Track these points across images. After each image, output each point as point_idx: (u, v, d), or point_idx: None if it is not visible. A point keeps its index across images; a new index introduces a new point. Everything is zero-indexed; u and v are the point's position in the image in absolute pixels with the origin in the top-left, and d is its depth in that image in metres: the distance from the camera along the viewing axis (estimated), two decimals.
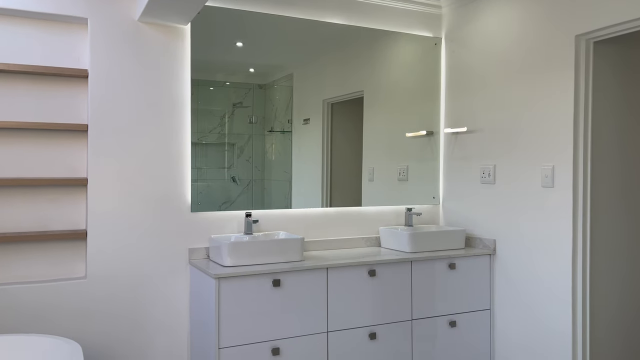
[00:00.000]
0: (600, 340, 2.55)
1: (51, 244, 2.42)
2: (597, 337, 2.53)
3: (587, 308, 2.49)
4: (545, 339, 2.60)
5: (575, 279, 2.49)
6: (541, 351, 2.63)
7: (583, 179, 2.48)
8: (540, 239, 2.63)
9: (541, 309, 2.63)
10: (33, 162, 2.40)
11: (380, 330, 2.61)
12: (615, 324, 2.60)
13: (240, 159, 2.77)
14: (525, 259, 2.71)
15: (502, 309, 2.86)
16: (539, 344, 2.64)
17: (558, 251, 2.54)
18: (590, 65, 2.47)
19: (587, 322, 2.49)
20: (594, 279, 2.52)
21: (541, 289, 2.63)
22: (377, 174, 3.11)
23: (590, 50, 2.47)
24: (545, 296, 2.61)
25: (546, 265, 2.60)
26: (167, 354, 2.56)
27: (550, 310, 2.58)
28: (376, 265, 2.60)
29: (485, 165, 2.95)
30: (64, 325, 2.36)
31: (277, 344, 2.37)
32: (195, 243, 2.62)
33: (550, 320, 2.58)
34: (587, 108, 2.47)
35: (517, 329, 2.76)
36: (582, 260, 2.48)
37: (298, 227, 2.87)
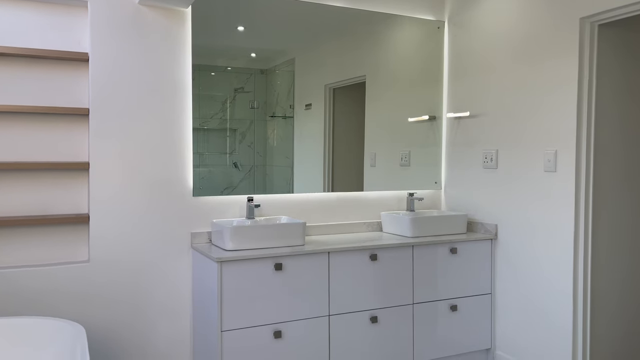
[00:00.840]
0: (601, 325, 2.55)
1: (54, 228, 2.43)
2: (598, 322, 2.54)
3: (588, 293, 2.49)
4: (546, 324, 2.62)
5: (576, 264, 2.49)
6: (542, 335, 2.64)
7: (586, 163, 2.47)
8: (542, 224, 2.63)
9: (542, 293, 2.63)
10: (34, 146, 2.40)
11: (382, 314, 2.63)
12: (616, 309, 2.61)
13: (242, 145, 2.77)
14: (527, 243, 2.71)
15: (503, 293, 2.87)
16: (540, 328, 2.65)
17: (560, 236, 2.54)
18: (595, 49, 2.45)
19: (587, 306, 2.49)
20: (596, 264, 2.52)
21: (542, 273, 2.63)
22: (379, 159, 3.10)
23: (594, 33, 2.44)
24: (546, 281, 2.61)
25: (548, 249, 2.60)
26: (169, 337, 2.59)
27: (551, 295, 2.59)
28: (377, 249, 2.61)
29: (487, 150, 2.94)
30: (67, 309, 2.39)
31: (279, 327, 2.39)
32: (197, 227, 2.63)
33: (551, 305, 2.59)
34: (591, 92, 2.45)
35: (518, 313, 2.77)
36: (583, 244, 2.48)
37: (300, 211, 2.87)
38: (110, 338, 2.48)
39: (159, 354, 2.57)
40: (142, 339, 2.54)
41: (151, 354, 2.55)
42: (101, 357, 2.46)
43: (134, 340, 2.52)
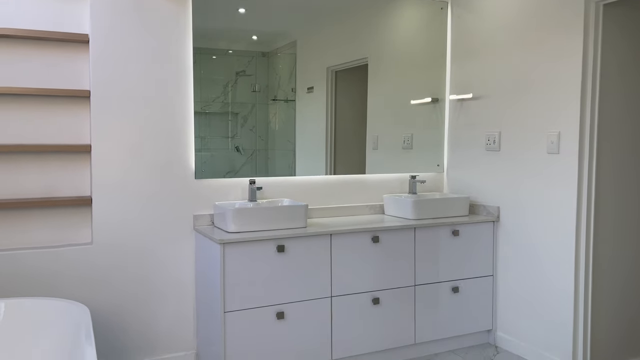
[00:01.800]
0: (602, 307, 2.56)
1: (57, 210, 2.45)
2: (599, 304, 2.55)
3: (590, 275, 2.50)
4: (547, 306, 2.63)
5: (578, 246, 2.49)
6: (543, 317, 2.65)
7: (589, 145, 2.45)
8: (544, 206, 2.63)
9: (544, 275, 2.64)
10: (35, 128, 2.40)
11: (383, 296, 2.64)
12: (617, 291, 2.61)
13: (244, 129, 2.76)
14: (529, 225, 2.71)
15: (504, 275, 2.88)
16: (541, 309, 2.66)
17: (562, 218, 2.54)
18: (600, 28, 2.42)
19: (589, 288, 2.50)
20: (598, 246, 2.52)
21: (544, 255, 2.64)
22: (381, 142, 3.10)
23: (599, 13, 2.41)
24: (548, 263, 2.62)
25: (550, 232, 2.60)
26: (173, 318, 2.62)
27: (553, 277, 2.59)
28: (380, 231, 2.61)
29: (490, 132, 2.92)
30: (71, 290, 2.41)
31: (282, 308, 2.41)
32: (200, 210, 2.65)
33: (553, 287, 2.60)
34: (596, 73, 2.43)
35: (519, 295, 2.78)
36: (585, 227, 2.48)
37: (302, 194, 2.88)
38: (114, 319, 2.51)
39: (163, 335, 2.60)
40: (146, 320, 2.56)
41: (155, 335, 2.58)
42: (105, 338, 2.49)
43: (137, 321, 2.55)
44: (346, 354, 2.56)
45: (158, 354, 2.59)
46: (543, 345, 2.65)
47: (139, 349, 2.55)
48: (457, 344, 2.89)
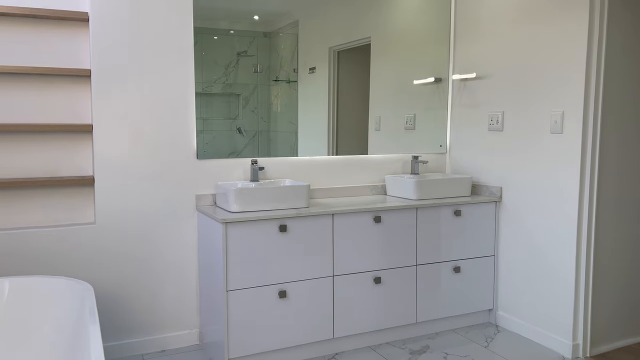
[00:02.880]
0: (603, 287, 2.57)
1: (60, 190, 2.46)
2: (600, 283, 2.55)
3: (591, 257, 2.50)
4: (549, 285, 2.63)
5: (580, 227, 2.49)
6: (544, 297, 2.66)
7: (593, 124, 2.43)
8: (547, 186, 2.62)
9: (545, 255, 2.64)
10: (36, 108, 2.40)
11: (385, 275, 2.65)
12: (618, 270, 2.62)
13: (246, 110, 2.75)
14: (531, 206, 2.71)
15: (506, 255, 2.88)
16: (542, 289, 2.67)
17: (564, 198, 2.53)
18: (606, 7, 2.38)
19: (590, 269, 2.50)
20: (600, 228, 2.52)
21: (546, 236, 2.64)
22: (383, 123, 3.08)
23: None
24: (550, 243, 2.62)
25: (552, 212, 2.60)
26: (176, 296, 2.64)
27: (555, 257, 2.60)
28: (381, 211, 2.62)
29: (493, 112, 2.91)
30: (75, 269, 2.43)
31: (284, 287, 2.42)
32: (202, 190, 2.65)
33: (554, 267, 2.60)
34: (601, 52, 2.40)
35: (521, 275, 2.79)
36: (588, 207, 2.47)
37: (304, 175, 2.88)
38: (118, 298, 2.53)
39: (166, 313, 2.63)
40: (149, 298, 2.59)
41: (158, 313, 2.61)
42: (109, 316, 2.52)
43: (141, 300, 2.57)
44: (348, 332, 2.59)
45: (161, 332, 2.62)
46: (544, 324, 2.67)
47: (143, 327, 2.58)
48: (458, 323, 2.91)
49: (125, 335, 2.55)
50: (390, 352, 2.60)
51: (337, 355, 2.58)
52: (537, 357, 2.54)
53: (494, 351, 2.61)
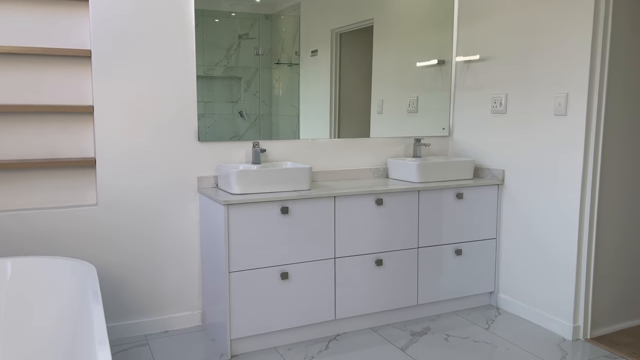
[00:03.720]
0: (604, 270, 2.57)
1: (61, 171, 2.46)
2: (602, 266, 2.55)
3: (593, 240, 2.49)
4: (550, 268, 2.64)
5: (582, 210, 2.48)
6: (545, 280, 2.67)
7: (597, 107, 2.41)
8: (549, 169, 2.61)
9: (547, 238, 2.64)
10: (36, 89, 2.39)
11: (387, 257, 2.66)
12: (620, 254, 2.61)
13: (247, 93, 2.74)
14: (534, 189, 2.70)
15: (507, 238, 2.88)
16: (544, 272, 2.67)
17: (567, 181, 2.52)
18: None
19: (592, 253, 2.50)
20: (602, 211, 2.51)
21: (548, 219, 2.63)
22: (386, 106, 3.07)
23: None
24: (551, 226, 2.62)
25: (554, 195, 2.59)
26: (179, 278, 2.66)
27: (556, 240, 2.59)
28: (383, 194, 2.62)
29: (497, 94, 2.88)
30: (77, 251, 2.45)
31: (286, 268, 2.43)
32: (204, 172, 2.65)
33: (556, 250, 2.60)
34: (606, 32, 2.37)
35: (522, 258, 2.79)
36: (590, 191, 2.46)
37: (305, 157, 2.88)
38: (121, 279, 2.55)
39: (169, 294, 2.65)
40: (152, 280, 2.61)
41: (161, 294, 2.63)
42: (112, 298, 2.54)
43: (143, 281, 2.59)
44: (349, 314, 2.60)
45: (164, 313, 2.65)
46: (545, 307, 2.68)
47: (146, 308, 2.60)
48: (460, 306, 2.93)
49: (128, 316, 2.58)
50: (391, 334, 2.62)
51: (338, 336, 2.60)
52: (537, 338, 2.55)
53: (494, 333, 2.62)
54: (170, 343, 2.50)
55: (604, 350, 2.44)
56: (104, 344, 1.44)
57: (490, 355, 2.38)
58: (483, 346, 2.48)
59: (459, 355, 2.38)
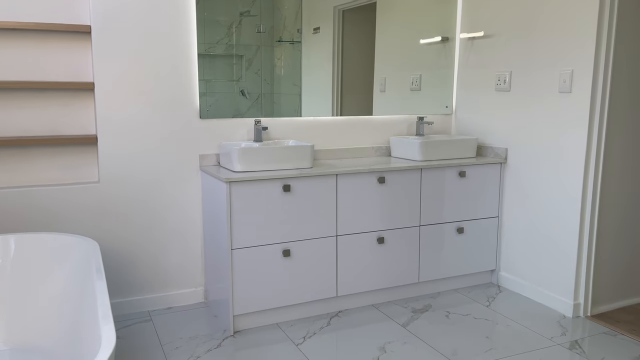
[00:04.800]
0: (606, 248, 2.57)
1: (63, 149, 2.46)
2: (603, 245, 2.56)
3: (595, 219, 2.49)
4: (552, 246, 2.64)
5: (585, 189, 2.47)
6: (547, 257, 2.67)
7: (602, 84, 2.39)
8: (553, 148, 2.60)
9: (549, 216, 2.64)
10: (35, 65, 2.37)
11: (388, 235, 2.67)
12: (622, 233, 2.61)
13: (249, 72, 2.72)
14: (537, 167, 2.69)
15: (510, 216, 2.88)
16: (545, 250, 2.68)
17: (570, 160, 2.51)
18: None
19: (594, 232, 2.50)
20: (605, 189, 2.50)
21: (551, 197, 2.63)
22: (388, 84, 3.04)
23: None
24: (554, 204, 2.61)
25: (557, 174, 2.58)
26: (181, 255, 2.67)
27: (559, 218, 2.59)
28: (386, 172, 2.61)
29: (500, 71, 2.85)
30: (80, 228, 2.46)
31: (288, 246, 2.44)
32: (205, 150, 2.65)
33: (558, 228, 2.60)
34: (613, 6, 2.33)
35: (524, 236, 2.80)
36: (594, 169, 2.45)
37: (308, 135, 2.86)
38: (124, 256, 2.57)
39: (172, 271, 2.67)
40: (155, 257, 2.63)
41: (164, 271, 2.65)
42: (115, 274, 2.56)
43: (146, 259, 2.61)
44: (351, 291, 2.62)
45: (167, 290, 2.67)
46: (545, 284, 2.69)
47: (149, 285, 2.63)
48: (461, 284, 2.95)
49: (132, 292, 2.60)
50: (392, 310, 2.64)
51: (340, 312, 2.62)
52: (537, 315, 2.57)
53: (495, 310, 2.64)
54: (173, 319, 2.53)
55: (603, 327, 2.45)
56: (107, 319, 1.46)
57: (491, 332, 2.40)
58: (483, 323, 2.50)
59: (460, 331, 2.41)
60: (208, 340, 2.32)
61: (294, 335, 2.38)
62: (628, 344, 2.29)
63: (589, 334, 2.38)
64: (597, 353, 2.21)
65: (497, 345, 2.28)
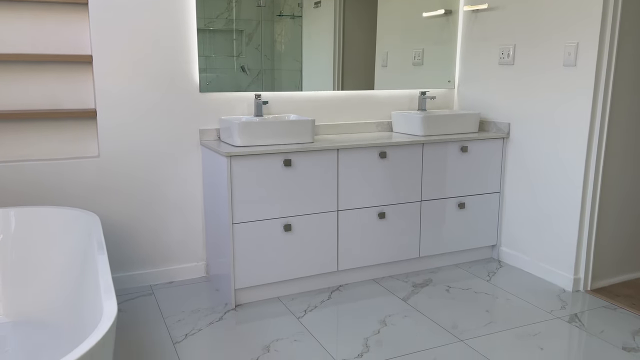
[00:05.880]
0: (607, 223, 2.57)
1: (63, 123, 2.44)
2: (605, 220, 2.55)
3: (598, 193, 2.48)
4: (553, 221, 2.64)
5: (588, 164, 2.46)
6: (548, 232, 2.67)
7: (608, 57, 2.35)
8: (556, 123, 2.57)
9: (551, 191, 2.63)
10: (32, 37, 2.33)
11: (389, 210, 2.67)
12: (624, 209, 2.60)
13: (249, 47, 2.68)
14: (539, 143, 2.67)
15: (511, 191, 2.87)
16: (547, 225, 2.68)
17: (573, 135, 2.49)
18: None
19: (596, 205, 2.49)
20: (608, 164, 2.48)
21: (553, 172, 2.61)
22: (390, 59, 3.00)
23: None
24: (556, 179, 2.60)
25: (560, 149, 2.56)
26: (182, 229, 2.68)
27: (560, 193, 2.58)
28: (387, 147, 2.59)
29: (504, 45, 2.81)
30: (80, 202, 2.45)
31: (289, 220, 2.44)
32: (206, 124, 2.63)
33: (560, 204, 2.59)
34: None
35: (525, 212, 2.79)
36: (597, 144, 2.43)
37: (309, 111, 2.84)
38: (125, 231, 2.57)
39: (172, 246, 2.67)
40: (156, 231, 2.63)
41: (165, 246, 2.66)
42: (117, 248, 2.56)
43: (147, 233, 2.61)
44: (352, 265, 2.63)
45: (169, 264, 2.68)
46: (546, 259, 2.69)
47: (150, 260, 2.64)
48: (461, 259, 2.95)
49: (132, 266, 2.61)
50: (393, 285, 2.65)
51: (341, 287, 2.64)
52: (537, 290, 2.58)
53: (495, 284, 2.65)
54: (175, 293, 2.55)
55: (603, 301, 2.46)
56: (109, 293, 1.46)
57: (491, 306, 2.41)
58: (483, 297, 2.51)
59: (460, 305, 2.42)
60: (210, 313, 2.34)
61: (295, 308, 2.39)
62: (628, 318, 2.30)
63: (588, 308, 2.40)
64: (596, 326, 2.22)
65: (497, 318, 2.29)
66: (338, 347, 2.06)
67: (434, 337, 2.13)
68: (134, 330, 2.18)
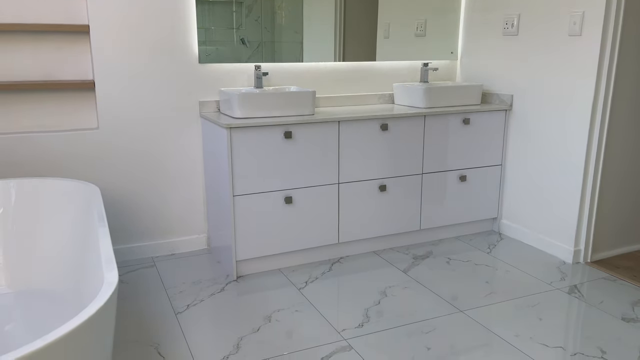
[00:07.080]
0: (609, 197, 2.56)
1: (61, 94, 2.41)
2: (606, 194, 2.54)
3: (600, 166, 2.46)
4: (555, 194, 2.63)
5: (591, 136, 2.43)
6: (549, 205, 2.67)
7: (614, 25, 2.30)
8: (560, 94, 2.54)
9: (553, 164, 2.62)
10: (29, 7, 2.29)
11: (390, 183, 2.66)
12: (625, 182, 2.59)
13: (249, 19, 2.62)
14: (542, 115, 2.64)
15: (513, 164, 2.86)
16: (548, 198, 2.67)
17: (577, 108, 2.46)
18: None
19: (597, 179, 2.48)
20: (611, 136, 2.46)
21: (556, 144, 2.59)
22: (392, 30, 2.95)
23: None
24: (559, 151, 2.58)
25: (563, 122, 2.54)
26: (183, 202, 2.68)
27: (562, 165, 2.57)
28: (388, 119, 2.57)
29: (508, 14, 2.75)
30: (80, 174, 2.44)
31: (290, 193, 2.44)
32: (205, 96, 2.60)
33: (561, 176, 2.58)
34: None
35: (527, 184, 2.78)
36: (600, 116, 2.40)
37: (309, 83, 2.81)
38: (125, 203, 2.57)
39: (174, 219, 2.68)
40: (156, 204, 2.63)
41: (166, 218, 2.66)
42: (118, 220, 2.57)
43: (148, 205, 2.61)
44: (352, 237, 2.64)
45: (170, 236, 2.69)
46: (547, 232, 2.70)
47: (151, 232, 2.64)
48: (462, 231, 2.96)
49: (133, 238, 2.62)
50: (393, 257, 2.66)
51: (341, 259, 2.65)
52: (538, 262, 2.59)
53: (495, 257, 2.66)
54: (177, 265, 2.56)
55: (603, 273, 2.48)
56: (110, 263, 1.46)
57: (491, 277, 2.43)
58: (484, 269, 2.52)
59: (460, 277, 2.43)
60: (211, 284, 2.35)
61: (296, 280, 2.41)
62: (627, 289, 2.31)
63: (588, 279, 2.41)
64: (596, 297, 2.24)
65: (497, 289, 2.31)
66: (339, 317, 2.08)
67: (434, 308, 2.14)
68: (136, 301, 2.20)
